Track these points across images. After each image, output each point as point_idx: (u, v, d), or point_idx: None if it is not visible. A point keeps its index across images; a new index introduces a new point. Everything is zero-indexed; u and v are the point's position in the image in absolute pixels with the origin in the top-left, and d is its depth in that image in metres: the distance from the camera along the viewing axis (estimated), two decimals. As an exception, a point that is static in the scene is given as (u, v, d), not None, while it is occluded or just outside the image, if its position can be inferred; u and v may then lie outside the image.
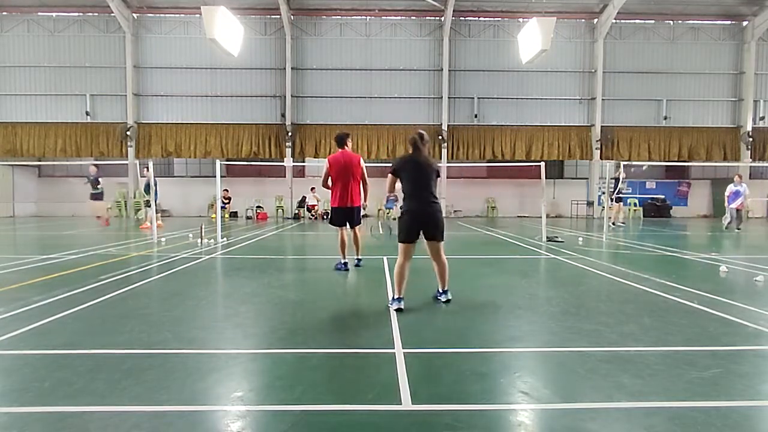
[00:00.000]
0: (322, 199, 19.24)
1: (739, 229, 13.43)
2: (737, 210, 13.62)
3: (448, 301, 4.21)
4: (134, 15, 21.31)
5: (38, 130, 21.23)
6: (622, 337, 3.24)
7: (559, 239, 10.15)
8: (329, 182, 6.14)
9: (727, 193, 13.85)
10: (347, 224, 6.21)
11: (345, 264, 6.11)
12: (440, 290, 4.29)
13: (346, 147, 6.09)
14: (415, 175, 4.10)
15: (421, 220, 4.07)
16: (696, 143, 21.89)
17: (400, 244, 4.11)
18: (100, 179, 14.04)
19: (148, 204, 12.50)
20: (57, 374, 2.53)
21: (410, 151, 4.19)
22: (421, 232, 4.10)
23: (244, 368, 2.68)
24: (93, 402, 2.20)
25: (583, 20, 21.87)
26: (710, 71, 22.06)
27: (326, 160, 6.14)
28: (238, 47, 16.48)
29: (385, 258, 7.09)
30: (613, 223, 14.32)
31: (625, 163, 12.62)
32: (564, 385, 2.42)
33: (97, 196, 14.11)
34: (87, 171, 14.49)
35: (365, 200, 6.35)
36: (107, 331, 3.32)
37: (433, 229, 4.09)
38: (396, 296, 4.01)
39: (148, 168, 11.46)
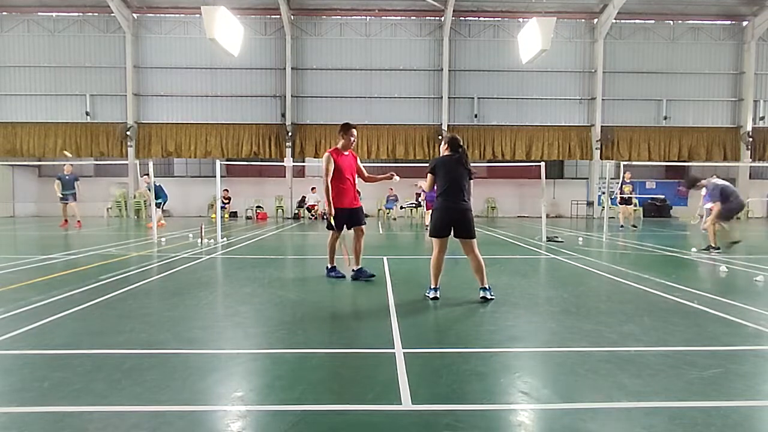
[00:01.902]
0: (322, 200, 19.20)
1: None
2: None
3: (485, 299, 4.25)
4: (134, 15, 21.30)
5: (38, 130, 21.19)
6: (622, 337, 3.24)
7: (559, 239, 10.14)
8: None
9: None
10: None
11: (350, 268, 5.68)
12: (480, 287, 4.35)
13: (338, 144, 5.52)
14: (451, 174, 4.31)
15: (453, 218, 4.29)
16: (696, 143, 21.87)
17: (432, 238, 4.40)
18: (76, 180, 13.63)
19: (157, 204, 12.33)
20: (57, 374, 2.53)
21: (446, 151, 4.43)
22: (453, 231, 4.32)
23: (245, 368, 2.68)
24: (93, 402, 2.20)
25: (583, 20, 21.86)
26: (710, 71, 22.04)
27: None
28: (238, 47, 16.48)
29: (385, 258, 7.09)
30: (634, 225, 14.40)
31: (625, 163, 12.62)
32: (564, 385, 2.42)
33: (68, 198, 13.52)
34: (62, 171, 13.77)
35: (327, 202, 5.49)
36: (107, 331, 3.32)
37: (464, 227, 4.28)
38: (432, 286, 4.37)
39: (148, 174, 10.87)
